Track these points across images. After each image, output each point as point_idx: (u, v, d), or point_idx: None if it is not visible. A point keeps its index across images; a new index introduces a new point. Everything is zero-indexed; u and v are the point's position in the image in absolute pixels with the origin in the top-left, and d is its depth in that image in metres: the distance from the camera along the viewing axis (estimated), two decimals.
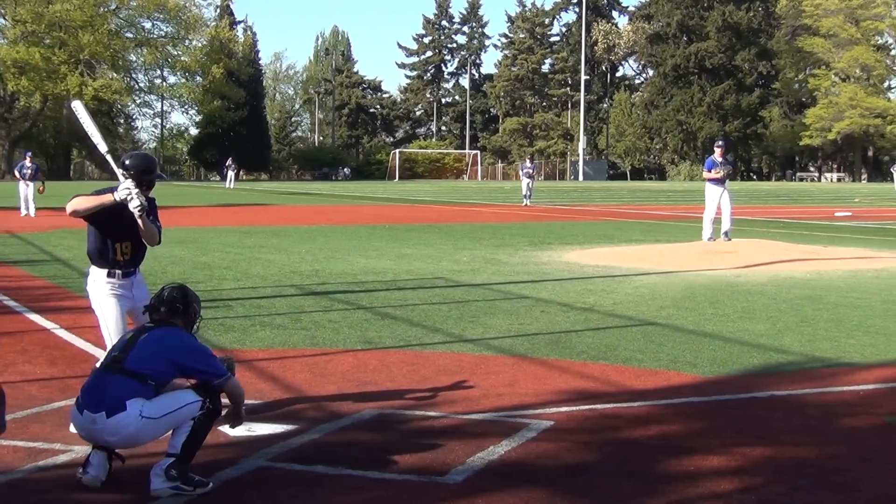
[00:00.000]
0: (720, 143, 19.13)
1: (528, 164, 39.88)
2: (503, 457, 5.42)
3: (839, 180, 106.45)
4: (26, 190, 28.54)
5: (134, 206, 5.66)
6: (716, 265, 15.35)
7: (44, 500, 4.83)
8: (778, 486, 4.99)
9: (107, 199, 5.71)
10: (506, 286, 13.01)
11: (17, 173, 29.75)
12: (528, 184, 38.11)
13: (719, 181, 18.23)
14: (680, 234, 21.80)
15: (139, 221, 5.77)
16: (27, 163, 29.72)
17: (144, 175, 6.01)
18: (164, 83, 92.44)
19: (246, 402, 6.56)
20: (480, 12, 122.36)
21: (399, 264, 15.56)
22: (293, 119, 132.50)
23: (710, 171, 18.42)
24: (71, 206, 5.71)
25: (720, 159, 18.35)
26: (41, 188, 28.14)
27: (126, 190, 5.65)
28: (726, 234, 18.09)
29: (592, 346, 8.67)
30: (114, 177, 5.95)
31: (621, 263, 15.67)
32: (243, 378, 7.23)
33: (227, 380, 5.09)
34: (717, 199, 18.18)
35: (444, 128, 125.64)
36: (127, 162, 6.06)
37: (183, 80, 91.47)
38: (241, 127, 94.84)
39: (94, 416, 4.74)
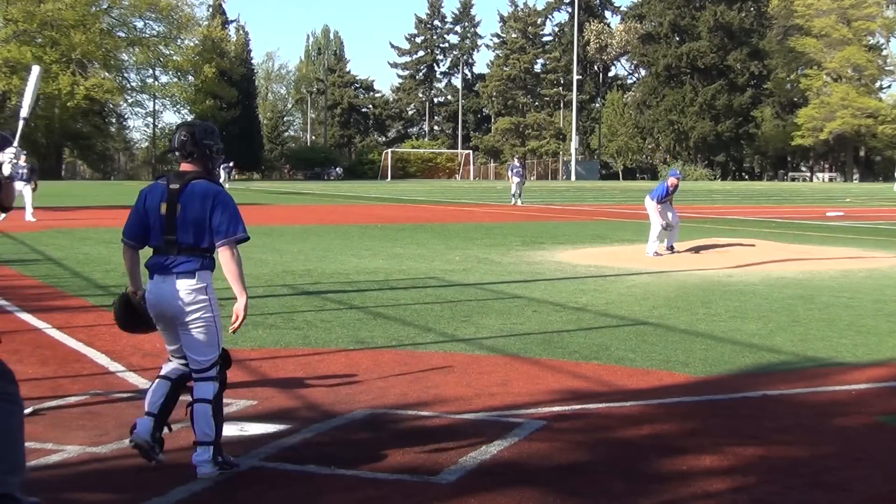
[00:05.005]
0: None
1: (516, 163, 39.91)
2: (495, 456, 5.41)
3: (831, 180, 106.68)
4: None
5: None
6: (708, 265, 15.38)
7: None
8: (770, 486, 4.99)
9: None
10: (498, 286, 13.01)
11: None
12: (518, 183, 38.14)
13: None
14: None
15: None
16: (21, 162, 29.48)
17: None
18: (156, 82, 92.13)
19: (238, 402, 6.57)
20: (473, 12, 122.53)
21: (391, 264, 15.55)
22: (285, 118, 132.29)
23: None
24: None
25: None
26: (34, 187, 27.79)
27: None
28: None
29: (585, 345, 8.67)
30: None
31: (613, 263, 15.69)
32: (235, 377, 7.22)
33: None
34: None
35: (436, 127, 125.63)
36: None
37: (175, 80, 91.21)
38: (233, 126, 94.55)
39: None
